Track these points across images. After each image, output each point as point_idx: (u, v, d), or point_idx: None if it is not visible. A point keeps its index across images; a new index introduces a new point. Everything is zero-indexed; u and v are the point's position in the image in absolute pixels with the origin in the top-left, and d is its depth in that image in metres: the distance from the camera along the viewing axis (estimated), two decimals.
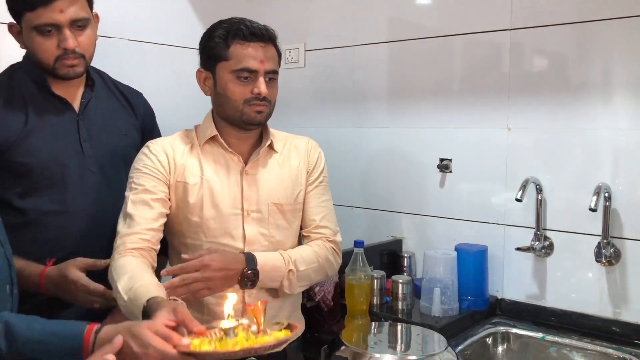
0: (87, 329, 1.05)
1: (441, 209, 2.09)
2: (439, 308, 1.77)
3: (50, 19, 1.43)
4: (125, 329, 1.03)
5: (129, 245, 1.38)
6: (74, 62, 1.50)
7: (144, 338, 1.00)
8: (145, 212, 1.42)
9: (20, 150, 1.49)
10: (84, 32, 1.50)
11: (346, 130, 2.33)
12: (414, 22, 2.13)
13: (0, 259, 1.20)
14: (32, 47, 1.49)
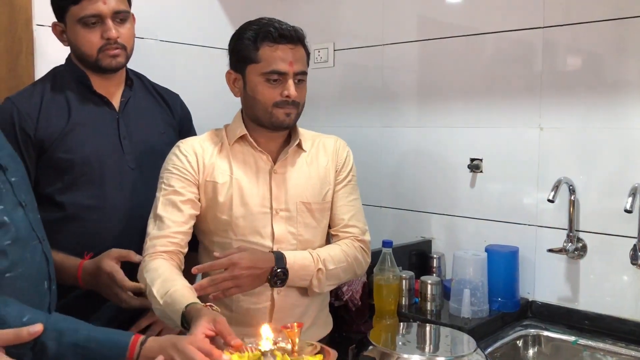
0: (132, 340, 1.08)
1: (471, 209, 2.06)
2: (468, 309, 1.75)
3: (94, 9, 1.50)
4: (170, 344, 1.07)
5: (159, 249, 1.41)
6: (116, 52, 1.56)
7: (188, 354, 1.04)
8: (175, 215, 1.45)
9: (63, 146, 1.54)
10: (124, 25, 1.57)
11: (375, 129, 2.32)
12: (444, 20, 2.11)
13: (39, 255, 1.23)
14: (76, 41, 1.55)
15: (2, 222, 1.14)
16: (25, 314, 1.05)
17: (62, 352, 1.04)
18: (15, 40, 1.78)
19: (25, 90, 1.60)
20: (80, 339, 1.06)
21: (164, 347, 1.07)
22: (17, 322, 1.04)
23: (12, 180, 1.21)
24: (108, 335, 1.10)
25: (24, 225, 1.20)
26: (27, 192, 1.28)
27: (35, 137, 1.52)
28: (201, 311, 1.19)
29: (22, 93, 1.58)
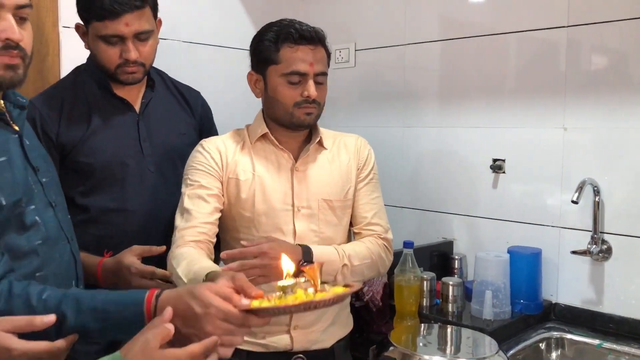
0: (148, 294, 1.06)
1: (493, 210, 2.05)
2: (490, 311, 1.74)
3: (115, 30, 1.49)
4: (186, 291, 1.03)
5: (187, 239, 1.42)
6: (133, 70, 1.56)
7: (205, 298, 0.99)
8: (202, 206, 1.46)
9: (84, 150, 1.55)
10: (146, 43, 1.55)
11: (396, 129, 2.31)
12: (466, 20, 2.09)
13: (67, 255, 1.25)
14: (96, 52, 1.55)
15: (33, 222, 1.16)
16: (45, 291, 1.06)
17: (81, 319, 1.04)
18: (42, 42, 1.81)
19: (46, 92, 1.61)
20: (97, 303, 1.05)
21: (181, 295, 1.02)
22: (37, 299, 1.05)
23: (43, 180, 1.23)
24: (124, 295, 1.08)
25: (54, 225, 1.22)
26: (57, 192, 1.30)
27: (57, 141, 1.54)
28: (219, 273, 1.16)
29: (43, 96, 1.59)
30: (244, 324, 1.00)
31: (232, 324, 0.99)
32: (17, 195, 1.13)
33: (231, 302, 1.00)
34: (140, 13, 1.50)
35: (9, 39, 1.08)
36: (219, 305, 0.99)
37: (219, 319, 0.98)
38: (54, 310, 1.02)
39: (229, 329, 0.99)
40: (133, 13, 1.49)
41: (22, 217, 1.14)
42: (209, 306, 0.99)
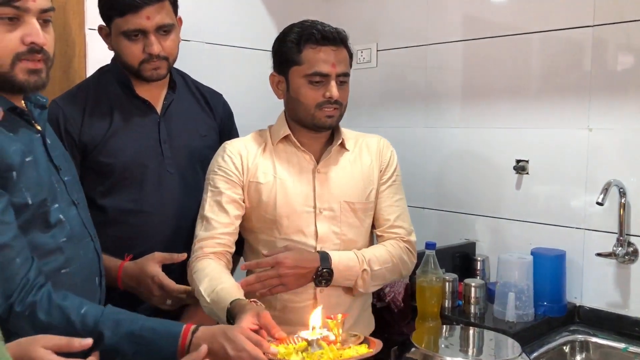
0: (184, 328, 1.11)
1: (517, 211, 2.03)
2: (513, 313, 1.73)
3: (137, 24, 1.50)
4: (220, 332, 1.10)
5: (207, 250, 1.45)
6: (157, 65, 1.56)
7: (239, 342, 1.07)
8: (221, 216, 1.48)
9: (105, 150, 1.56)
10: (168, 37, 1.56)
11: (418, 130, 2.31)
12: (490, 20, 2.08)
13: (91, 252, 1.28)
14: (119, 50, 1.56)
15: (58, 220, 1.18)
16: (83, 306, 1.10)
17: (118, 342, 1.08)
18: (68, 44, 1.84)
19: (70, 92, 1.62)
20: (135, 328, 1.10)
21: (215, 335, 1.09)
22: (76, 314, 1.09)
23: (65, 179, 1.25)
24: (162, 324, 1.13)
25: (77, 223, 1.25)
26: (79, 190, 1.32)
27: (79, 141, 1.55)
28: (246, 306, 1.21)
29: (66, 96, 1.61)
30: None
31: None
32: (43, 194, 1.15)
33: (261, 348, 1.08)
34: (160, 6, 1.51)
35: (34, 43, 1.10)
36: (250, 351, 1.07)
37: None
38: (92, 326, 1.08)
39: None
40: (153, 6, 1.50)
41: (47, 215, 1.16)
42: (241, 350, 1.07)
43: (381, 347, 1.18)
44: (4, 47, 1.08)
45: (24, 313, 1.06)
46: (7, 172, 1.09)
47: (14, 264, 1.06)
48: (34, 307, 1.07)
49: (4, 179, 1.09)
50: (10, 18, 1.08)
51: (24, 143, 1.16)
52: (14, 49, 1.09)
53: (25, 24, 1.10)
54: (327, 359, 1.09)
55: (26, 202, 1.12)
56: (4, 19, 1.08)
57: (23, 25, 1.10)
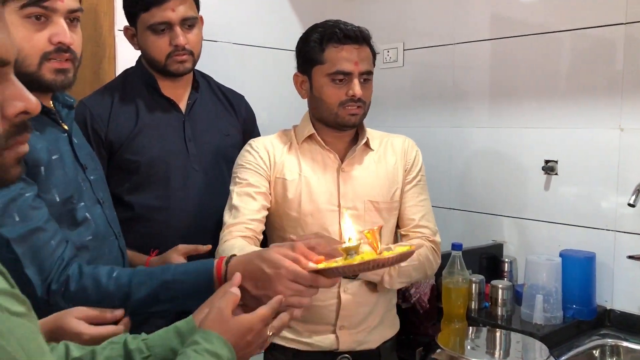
0: (217, 261, 1.10)
1: (545, 212, 2.00)
2: (541, 315, 1.70)
3: (163, 17, 1.54)
4: (256, 254, 1.08)
5: (235, 234, 1.44)
6: (183, 58, 1.59)
7: (275, 260, 1.03)
8: (250, 203, 1.48)
9: (131, 148, 1.59)
10: (192, 31, 1.60)
11: (445, 130, 2.29)
12: (518, 18, 2.05)
13: (116, 250, 1.30)
14: (146, 46, 1.60)
15: (84, 218, 1.20)
16: (114, 271, 1.12)
17: (154, 293, 1.09)
18: (99, 45, 1.88)
19: (97, 92, 1.66)
20: (168, 276, 1.10)
21: (251, 259, 1.07)
22: (107, 277, 1.10)
23: (91, 178, 1.27)
24: (193, 265, 1.13)
25: (102, 221, 1.27)
26: (104, 189, 1.35)
27: (105, 139, 1.58)
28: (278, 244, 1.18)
29: (94, 96, 1.64)
30: (312, 284, 1.04)
31: (301, 284, 1.03)
32: (69, 192, 1.17)
33: (299, 263, 1.03)
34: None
35: (61, 43, 1.12)
36: (288, 267, 1.02)
37: (289, 279, 1.02)
38: (126, 285, 1.08)
39: (299, 289, 1.03)
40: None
41: (74, 213, 1.18)
42: (279, 267, 1.02)
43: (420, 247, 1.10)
44: (32, 46, 1.10)
45: (59, 290, 1.08)
46: (35, 167, 1.12)
47: (48, 246, 1.08)
48: (67, 281, 1.08)
49: (32, 174, 1.11)
50: (39, 18, 1.10)
51: (50, 142, 1.18)
52: (41, 49, 1.11)
53: (53, 23, 1.12)
54: (368, 258, 1.03)
55: (54, 199, 1.14)
56: (33, 19, 1.10)
57: (51, 25, 1.12)
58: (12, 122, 0.62)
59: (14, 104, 0.62)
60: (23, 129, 0.64)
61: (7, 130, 0.62)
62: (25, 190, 1.08)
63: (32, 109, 0.64)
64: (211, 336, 0.89)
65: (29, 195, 1.08)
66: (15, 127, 0.63)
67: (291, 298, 1.02)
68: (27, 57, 1.11)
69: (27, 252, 1.05)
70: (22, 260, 1.05)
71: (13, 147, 0.63)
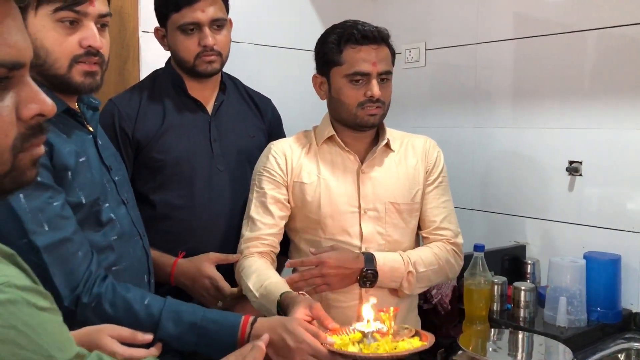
0: (243, 320, 1.15)
1: (569, 214, 1.97)
2: (564, 318, 1.68)
3: (193, 17, 1.56)
4: (280, 323, 1.13)
5: (252, 250, 1.49)
6: (212, 59, 1.61)
7: (298, 334, 1.10)
8: (266, 217, 1.51)
9: (157, 147, 1.61)
10: (221, 32, 1.62)
11: (467, 130, 2.27)
12: (542, 17, 2.03)
13: (140, 250, 1.31)
14: (175, 46, 1.62)
15: (109, 218, 1.22)
16: (145, 297, 1.15)
17: (180, 332, 1.12)
18: (123, 46, 1.90)
19: (125, 92, 1.69)
20: (197, 319, 1.14)
21: (274, 327, 1.12)
22: (140, 304, 1.13)
23: (115, 179, 1.29)
24: (221, 316, 1.17)
25: (127, 221, 1.29)
26: (128, 190, 1.36)
27: (133, 137, 1.61)
28: (296, 298, 1.24)
29: (122, 95, 1.68)
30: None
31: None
32: (95, 194, 1.20)
33: (318, 339, 1.11)
34: (213, 0, 1.58)
35: (91, 47, 1.15)
36: (310, 343, 1.10)
37: (309, 354, 1.10)
38: (156, 317, 1.12)
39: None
40: (207, 0, 1.57)
41: (99, 214, 1.20)
42: (301, 342, 1.10)
43: (434, 340, 1.18)
44: (62, 49, 1.13)
45: (90, 304, 1.10)
46: (62, 172, 1.14)
47: (76, 257, 1.10)
48: (99, 298, 1.11)
49: (59, 178, 1.13)
50: (71, 22, 1.13)
51: (77, 144, 1.20)
52: (72, 52, 1.14)
53: (84, 27, 1.14)
54: (383, 351, 1.11)
55: (80, 201, 1.16)
56: (65, 23, 1.12)
57: (81, 29, 1.14)
58: (28, 124, 0.63)
59: (29, 106, 0.62)
60: (39, 131, 0.64)
61: (23, 133, 0.62)
62: (54, 199, 1.10)
63: (48, 111, 0.64)
64: None
65: (57, 204, 1.10)
66: (30, 130, 0.63)
67: None
68: (58, 60, 1.13)
69: (55, 262, 1.07)
70: (49, 269, 1.07)
71: (29, 150, 0.64)
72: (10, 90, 0.61)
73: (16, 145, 0.62)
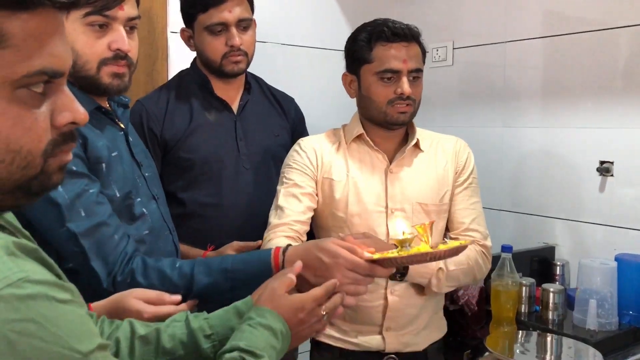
0: (274, 250, 1.14)
1: (600, 215, 1.94)
2: (594, 321, 1.65)
3: (220, 18, 1.59)
4: (313, 244, 1.12)
5: (279, 234, 1.46)
6: (238, 59, 1.64)
7: (333, 250, 1.07)
8: (295, 205, 1.49)
9: (185, 146, 1.64)
10: (247, 32, 1.65)
11: (495, 129, 2.25)
12: (573, 14, 1.99)
13: (170, 245, 1.34)
14: (202, 47, 1.65)
15: (140, 213, 1.25)
16: (176, 262, 1.16)
17: (214, 281, 1.13)
18: (152, 47, 1.93)
19: (153, 93, 1.72)
20: (227, 264, 1.14)
21: (308, 249, 1.10)
22: (171, 268, 1.14)
23: (146, 175, 1.32)
24: (250, 255, 1.17)
25: (157, 216, 1.31)
26: (158, 186, 1.39)
27: (161, 137, 1.64)
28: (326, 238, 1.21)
29: (150, 96, 1.71)
30: (369, 274, 1.07)
31: (358, 273, 1.06)
32: (127, 187, 1.22)
33: (356, 253, 1.07)
34: (240, 0, 1.61)
35: (119, 50, 1.17)
36: (346, 256, 1.06)
37: (347, 268, 1.06)
38: (189, 274, 1.13)
39: (356, 278, 1.06)
40: (234, 0, 1.59)
41: (132, 208, 1.23)
42: (337, 257, 1.06)
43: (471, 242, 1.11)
44: (92, 52, 1.16)
45: (125, 281, 1.12)
46: (97, 164, 1.17)
47: (112, 240, 1.13)
48: (132, 273, 1.13)
49: (94, 171, 1.17)
50: (100, 25, 1.15)
51: (109, 139, 1.23)
52: (101, 55, 1.17)
53: (113, 31, 1.17)
54: (424, 250, 1.04)
55: (114, 194, 1.19)
56: (95, 26, 1.15)
57: (111, 32, 1.17)
58: (61, 131, 0.65)
59: (63, 114, 0.65)
60: (69, 138, 0.67)
61: (55, 139, 0.65)
62: (90, 187, 1.13)
63: (80, 120, 0.66)
64: (264, 311, 0.93)
65: (92, 191, 1.13)
66: (62, 136, 0.65)
67: (348, 286, 1.05)
68: (87, 62, 1.16)
69: (92, 246, 1.10)
70: (88, 253, 1.10)
71: (58, 156, 0.66)
72: (48, 98, 0.64)
73: (47, 150, 0.64)
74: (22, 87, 0.60)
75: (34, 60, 0.60)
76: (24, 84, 0.60)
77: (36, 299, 0.55)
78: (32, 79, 0.60)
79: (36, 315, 0.54)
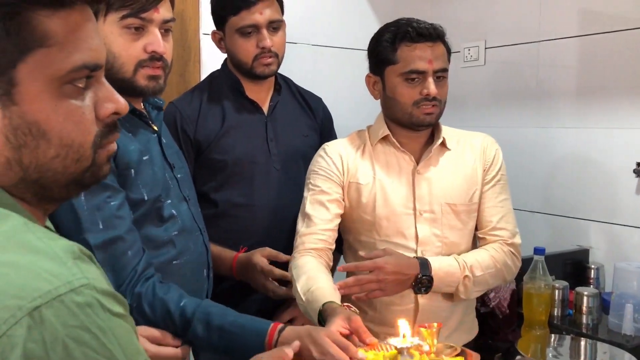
0: (271, 327, 1.15)
1: (637, 217, 1.89)
2: (631, 326, 1.61)
3: (251, 20, 1.60)
4: (306, 333, 1.11)
5: (308, 246, 1.47)
6: (269, 61, 1.65)
7: (324, 345, 1.07)
8: (322, 213, 1.50)
9: (217, 148, 1.66)
10: (277, 34, 1.65)
11: (528, 130, 2.22)
12: (609, 13, 1.95)
13: (200, 245, 1.35)
14: (234, 49, 1.66)
15: (170, 214, 1.26)
16: (182, 299, 1.16)
17: (209, 335, 1.14)
18: (185, 48, 1.96)
19: (185, 95, 1.75)
20: (226, 324, 1.15)
21: (301, 336, 1.11)
22: (176, 306, 1.15)
23: (178, 176, 1.33)
24: (251, 322, 1.17)
25: (188, 217, 1.32)
26: (190, 187, 1.40)
27: (194, 139, 1.66)
28: (337, 309, 1.22)
29: (183, 98, 1.73)
30: None
31: None
32: (157, 191, 1.24)
33: (347, 352, 1.07)
34: (270, 2, 1.62)
35: (155, 52, 1.19)
36: (335, 354, 1.06)
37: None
38: (189, 318, 1.15)
39: None
40: (264, 2, 1.60)
41: (161, 210, 1.24)
42: (325, 353, 1.07)
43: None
44: (128, 55, 1.18)
45: (132, 305, 1.13)
46: (126, 170, 1.18)
47: (126, 256, 1.14)
48: (140, 298, 1.14)
49: (123, 177, 1.18)
50: (136, 28, 1.17)
51: (142, 143, 1.24)
52: (137, 57, 1.18)
53: (149, 33, 1.19)
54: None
55: (142, 197, 1.20)
56: (131, 29, 1.17)
57: (146, 34, 1.19)
58: (105, 122, 0.68)
59: (105, 106, 0.67)
60: (113, 128, 0.69)
61: (101, 131, 0.67)
62: (112, 199, 1.14)
63: (122, 110, 0.69)
64: None
65: (114, 204, 1.14)
66: (107, 127, 0.68)
67: None
68: (124, 65, 1.18)
69: (106, 260, 1.11)
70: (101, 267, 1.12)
71: (105, 147, 0.69)
72: (90, 91, 0.66)
73: (96, 142, 0.67)
74: (67, 83, 0.63)
75: (76, 55, 0.63)
76: (69, 79, 0.63)
77: (93, 307, 0.56)
78: (77, 73, 0.63)
79: (91, 324, 0.56)
